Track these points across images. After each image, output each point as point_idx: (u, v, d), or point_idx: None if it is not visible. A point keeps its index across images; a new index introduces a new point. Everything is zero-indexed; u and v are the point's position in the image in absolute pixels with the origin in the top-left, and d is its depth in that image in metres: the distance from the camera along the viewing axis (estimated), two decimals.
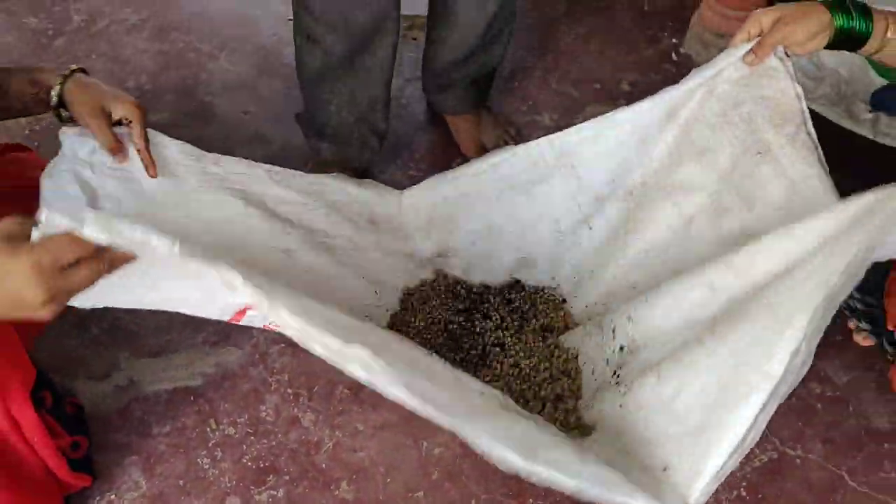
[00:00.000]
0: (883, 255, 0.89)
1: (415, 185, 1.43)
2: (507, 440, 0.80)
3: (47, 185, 1.03)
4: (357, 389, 1.34)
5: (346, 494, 1.24)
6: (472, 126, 1.75)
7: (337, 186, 1.34)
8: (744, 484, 1.25)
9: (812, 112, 1.86)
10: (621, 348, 1.15)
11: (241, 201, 1.19)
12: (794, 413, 1.33)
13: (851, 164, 1.30)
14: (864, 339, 1.40)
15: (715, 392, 0.90)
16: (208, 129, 1.78)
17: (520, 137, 1.76)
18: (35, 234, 0.73)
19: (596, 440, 1.05)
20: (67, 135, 1.08)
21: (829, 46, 1.13)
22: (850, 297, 1.38)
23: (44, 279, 0.72)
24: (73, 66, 1.08)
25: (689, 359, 0.95)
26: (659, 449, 0.93)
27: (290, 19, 1.60)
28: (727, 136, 1.16)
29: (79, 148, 1.07)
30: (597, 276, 1.29)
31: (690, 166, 1.19)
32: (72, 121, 1.08)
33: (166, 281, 0.91)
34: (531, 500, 1.22)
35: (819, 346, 1.38)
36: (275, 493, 1.24)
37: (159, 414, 1.32)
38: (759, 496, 1.23)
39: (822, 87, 1.87)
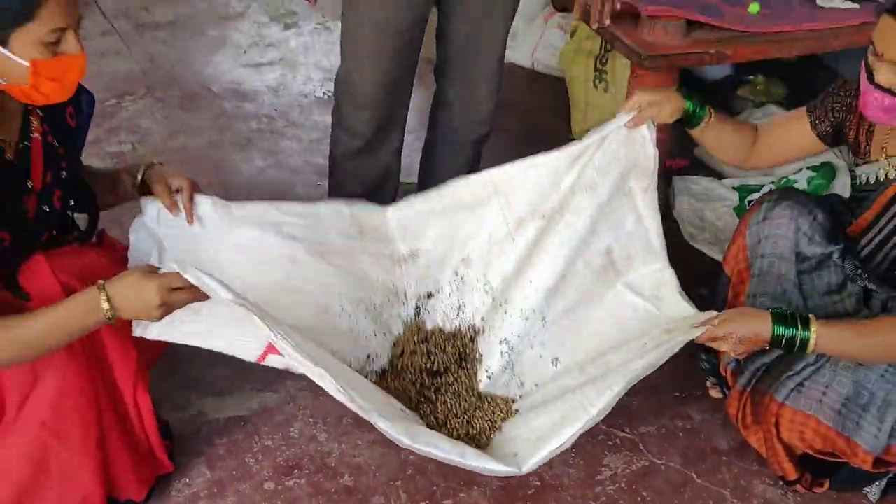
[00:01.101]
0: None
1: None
2: (402, 429, 1.47)
3: (133, 237, 1.61)
4: (358, 419, 1.90)
5: (348, 482, 1.78)
6: None
7: (330, 208, 1.81)
8: (624, 479, 1.79)
9: (697, 250, 2.56)
10: (521, 384, 1.77)
11: (258, 229, 1.67)
12: (663, 438, 1.89)
13: None
14: (716, 393, 2.01)
15: (558, 418, 1.52)
16: None
17: None
18: (161, 270, 1.41)
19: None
20: (147, 200, 1.62)
21: (675, 121, 1.67)
22: (701, 360, 2.01)
23: (162, 293, 1.38)
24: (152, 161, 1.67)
25: (552, 406, 1.58)
26: (513, 444, 1.57)
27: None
28: (608, 179, 1.66)
29: (150, 208, 1.61)
30: (517, 276, 1.76)
31: (582, 196, 1.68)
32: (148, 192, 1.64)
33: (216, 326, 1.51)
34: (476, 488, 1.77)
35: (686, 397, 2.07)
36: (299, 480, 1.78)
37: (219, 431, 1.89)
38: (634, 487, 1.78)
39: (704, 233, 2.57)
